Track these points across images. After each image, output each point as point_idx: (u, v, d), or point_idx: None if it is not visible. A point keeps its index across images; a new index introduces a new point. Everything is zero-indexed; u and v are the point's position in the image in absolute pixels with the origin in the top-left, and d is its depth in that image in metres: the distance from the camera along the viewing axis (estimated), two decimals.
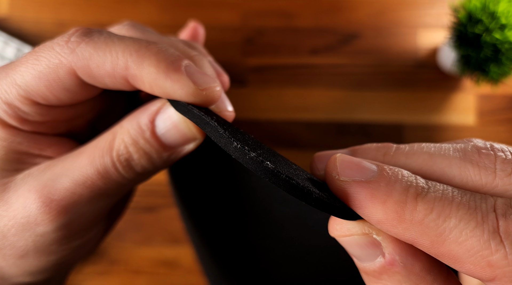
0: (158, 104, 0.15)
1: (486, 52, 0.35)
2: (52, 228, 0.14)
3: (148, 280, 0.43)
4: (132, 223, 0.43)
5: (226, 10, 0.45)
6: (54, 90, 0.14)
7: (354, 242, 0.11)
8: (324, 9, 0.45)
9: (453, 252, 0.10)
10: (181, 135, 0.15)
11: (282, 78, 0.44)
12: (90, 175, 0.14)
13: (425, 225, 0.10)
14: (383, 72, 0.44)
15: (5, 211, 0.14)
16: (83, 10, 0.45)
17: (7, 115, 0.14)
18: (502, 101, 0.44)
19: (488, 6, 0.35)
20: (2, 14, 0.44)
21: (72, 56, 0.13)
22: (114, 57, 0.13)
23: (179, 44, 0.16)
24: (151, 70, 0.13)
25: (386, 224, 0.10)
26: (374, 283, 0.11)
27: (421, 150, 0.12)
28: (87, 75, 0.14)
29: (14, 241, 0.14)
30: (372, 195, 0.10)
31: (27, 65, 0.14)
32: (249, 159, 0.10)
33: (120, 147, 0.14)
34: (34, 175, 0.14)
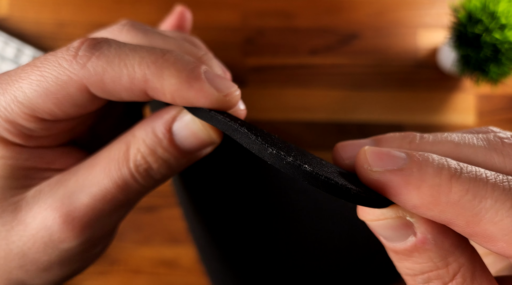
0: (173, 111, 0.14)
1: (486, 52, 0.35)
2: (77, 243, 0.14)
3: (148, 280, 0.43)
4: (132, 223, 0.43)
5: (226, 10, 0.45)
6: (63, 107, 0.13)
7: (386, 225, 0.12)
8: (324, 9, 0.45)
9: (487, 232, 0.10)
10: (200, 141, 0.14)
11: (282, 78, 0.44)
12: (109, 189, 0.14)
13: (460, 206, 0.10)
14: (383, 73, 0.44)
15: (22, 231, 0.14)
16: (83, 10, 0.45)
17: (9, 133, 0.14)
18: (502, 101, 0.44)
19: (488, 6, 0.35)
20: (2, 14, 0.44)
21: (83, 71, 0.13)
22: (130, 71, 0.13)
23: (186, 45, 0.16)
24: (172, 82, 0.13)
25: (422, 208, 0.11)
26: (403, 260, 0.12)
27: (445, 138, 0.13)
28: (101, 91, 0.13)
29: (36, 258, 0.14)
30: (406, 181, 0.11)
31: (30, 81, 0.13)
32: (286, 163, 0.10)
33: (137, 157, 0.14)
34: (46, 191, 0.14)
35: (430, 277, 0.11)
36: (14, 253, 0.14)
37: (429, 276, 0.11)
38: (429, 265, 0.11)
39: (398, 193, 0.11)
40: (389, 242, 0.12)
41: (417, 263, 0.11)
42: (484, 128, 0.14)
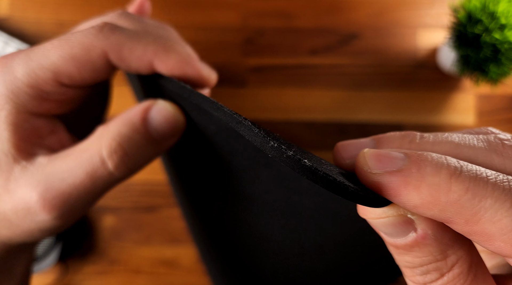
0: (146, 104, 0.17)
1: (486, 52, 0.35)
2: (50, 217, 0.16)
3: (148, 279, 0.43)
4: (132, 223, 0.43)
5: (226, 11, 0.45)
6: (83, 71, 0.16)
7: (387, 222, 0.12)
8: (324, 9, 0.45)
9: (486, 231, 0.10)
10: (172, 128, 0.17)
11: (282, 78, 0.44)
12: (79, 176, 0.16)
13: (460, 205, 0.10)
14: (383, 73, 0.44)
15: (8, 198, 0.16)
16: (83, 10, 0.45)
17: (28, 97, 0.16)
18: (501, 101, 0.44)
19: (488, 6, 0.35)
20: (3, 15, 0.44)
21: (107, 41, 0.16)
22: (144, 45, 0.17)
23: (173, 33, 0.21)
24: (176, 57, 0.17)
25: (422, 208, 0.11)
26: (404, 255, 0.12)
27: (446, 138, 0.13)
28: (117, 57, 0.16)
29: (19, 223, 0.16)
30: (406, 182, 0.11)
31: (56, 49, 0.16)
32: (286, 157, 0.11)
33: (111, 145, 0.16)
34: (30, 171, 0.16)
35: (428, 269, 0.12)
36: (2, 216, 0.16)
37: (427, 268, 0.12)
38: (428, 258, 0.11)
39: (398, 194, 0.11)
40: (389, 238, 0.12)
41: (417, 257, 0.12)
42: (484, 129, 0.14)
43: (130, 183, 0.44)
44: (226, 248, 0.24)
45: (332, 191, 0.11)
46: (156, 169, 0.43)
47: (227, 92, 0.44)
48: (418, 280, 0.12)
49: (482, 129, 0.14)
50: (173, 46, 0.17)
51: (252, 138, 0.11)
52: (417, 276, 0.12)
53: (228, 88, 0.44)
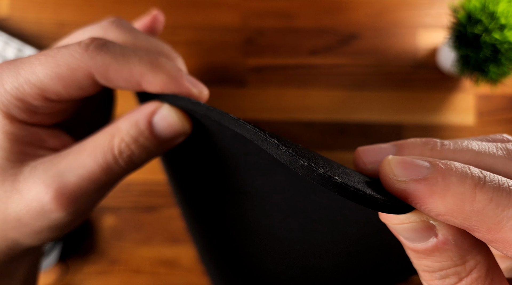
0: (152, 106, 0.18)
1: (486, 53, 0.35)
2: (64, 214, 0.17)
3: (148, 279, 0.43)
4: (132, 222, 0.43)
5: (226, 11, 0.45)
6: (69, 89, 0.17)
7: (409, 228, 0.12)
8: (324, 9, 0.45)
9: (508, 238, 0.11)
10: (175, 131, 0.18)
11: (282, 78, 0.44)
12: (94, 171, 0.17)
13: (484, 214, 0.11)
14: (383, 73, 0.44)
15: (19, 199, 0.16)
16: (84, 11, 0.45)
17: (18, 109, 0.16)
18: (501, 102, 0.44)
19: (487, 6, 0.35)
20: (3, 15, 0.44)
21: (93, 62, 0.16)
22: (131, 66, 0.17)
23: (165, 47, 0.21)
24: (163, 78, 0.17)
25: (446, 216, 0.11)
26: (423, 259, 0.12)
27: (466, 146, 0.13)
28: (103, 78, 0.17)
29: (30, 223, 0.17)
30: (431, 191, 0.11)
31: (44, 67, 0.16)
32: (317, 175, 0.11)
33: (121, 145, 0.17)
34: (40, 169, 0.17)
35: (447, 273, 0.12)
36: (12, 217, 0.17)
37: (446, 273, 0.12)
38: (448, 263, 0.12)
39: (423, 202, 0.11)
40: (409, 242, 0.12)
41: (436, 262, 0.12)
42: (500, 136, 0.14)
43: (130, 183, 0.44)
44: (228, 249, 0.24)
45: (361, 204, 0.11)
46: (156, 169, 0.43)
47: (227, 93, 0.44)
48: (436, 284, 0.12)
49: (498, 136, 0.14)
50: (161, 65, 0.17)
51: (280, 156, 0.12)
52: (436, 280, 0.12)
53: (228, 89, 0.44)
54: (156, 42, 0.20)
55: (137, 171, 0.44)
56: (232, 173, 0.19)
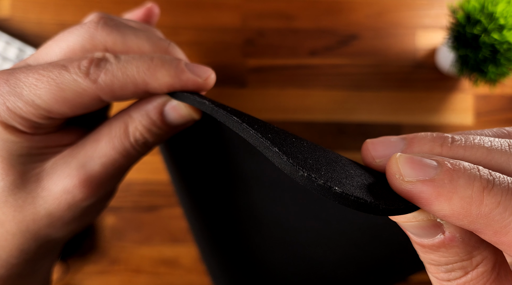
0: (163, 98, 0.18)
1: (484, 53, 0.35)
2: (94, 200, 0.18)
3: (148, 279, 0.43)
4: (132, 222, 0.43)
5: (226, 12, 0.45)
6: (76, 110, 0.17)
7: (417, 225, 0.12)
8: (323, 10, 0.45)
9: None
10: (185, 119, 0.19)
11: (282, 79, 0.44)
12: (117, 158, 0.18)
13: (491, 218, 0.10)
14: (382, 73, 0.44)
15: (47, 196, 0.17)
16: (84, 11, 0.45)
17: (23, 126, 0.17)
18: (500, 102, 0.44)
19: (486, 7, 0.35)
20: (4, 15, 0.45)
21: (96, 86, 0.16)
22: (132, 79, 0.17)
23: (153, 38, 0.20)
24: (166, 80, 0.17)
25: (452, 218, 0.11)
26: (429, 254, 0.12)
27: (478, 143, 0.13)
28: (110, 97, 0.17)
29: (62, 215, 0.18)
30: (438, 193, 0.11)
31: (48, 90, 0.16)
32: (317, 186, 0.11)
33: (135, 133, 0.18)
34: (61, 163, 0.17)
35: (454, 267, 0.12)
36: (42, 214, 0.17)
37: (453, 267, 0.12)
38: (454, 258, 0.12)
39: (429, 203, 0.11)
40: (416, 238, 0.12)
41: (443, 257, 0.12)
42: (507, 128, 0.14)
43: (131, 183, 0.44)
44: (233, 240, 0.24)
45: (363, 211, 0.11)
46: (156, 169, 0.44)
47: (227, 93, 0.44)
48: (442, 277, 0.12)
49: (506, 128, 0.14)
50: (159, 66, 0.17)
51: (282, 166, 0.12)
52: (442, 273, 0.12)
53: (228, 89, 0.44)
54: (146, 33, 0.20)
55: (137, 171, 0.44)
56: (240, 159, 0.20)
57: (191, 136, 0.21)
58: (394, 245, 0.19)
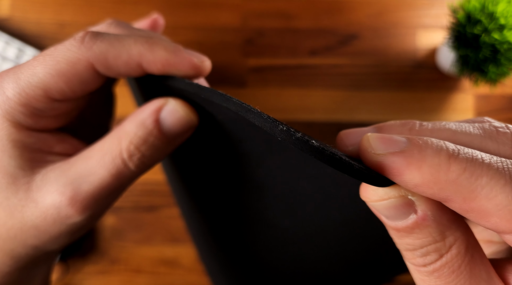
0: (157, 103, 0.17)
1: (485, 53, 0.35)
2: (80, 219, 0.17)
3: (149, 279, 0.43)
4: (132, 222, 0.43)
5: (226, 11, 0.45)
6: (72, 85, 0.16)
7: (389, 204, 0.12)
8: (324, 10, 0.45)
9: (483, 207, 0.11)
10: (183, 125, 0.17)
11: (282, 78, 0.44)
12: (105, 178, 0.17)
13: (458, 183, 0.11)
14: (382, 73, 0.44)
15: (34, 207, 0.17)
16: (84, 11, 0.45)
17: (23, 116, 0.16)
18: (500, 102, 0.44)
19: (487, 6, 0.35)
20: (4, 15, 0.45)
21: (90, 52, 0.16)
22: (127, 48, 0.16)
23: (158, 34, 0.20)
24: (162, 53, 0.17)
25: (423, 187, 0.11)
26: (404, 237, 0.12)
27: (443, 126, 0.13)
28: (104, 67, 0.16)
29: (48, 229, 0.17)
30: (408, 162, 0.11)
31: (44, 66, 0.16)
32: (295, 139, 0.11)
33: (129, 148, 0.17)
34: (52, 177, 0.17)
35: (428, 250, 0.12)
36: (29, 225, 0.17)
37: (427, 250, 0.12)
38: (428, 239, 0.12)
39: (400, 173, 0.12)
40: (390, 221, 0.13)
41: (417, 239, 0.12)
42: (480, 118, 0.14)
43: None
44: (230, 241, 0.24)
45: (338, 169, 0.11)
46: (156, 169, 0.44)
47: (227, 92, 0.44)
48: (418, 262, 0.13)
49: (478, 118, 0.14)
50: (156, 42, 0.17)
51: (262, 124, 0.12)
52: (418, 258, 0.12)
53: (228, 89, 0.44)
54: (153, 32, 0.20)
55: None
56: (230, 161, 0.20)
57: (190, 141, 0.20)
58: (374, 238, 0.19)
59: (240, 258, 0.24)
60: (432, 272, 0.12)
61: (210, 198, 0.23)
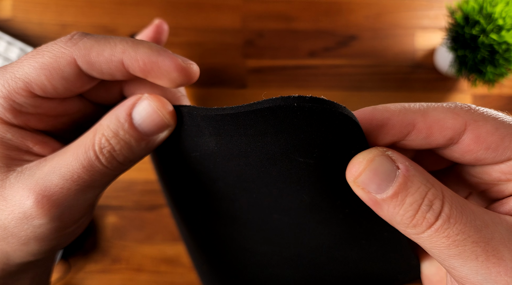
0: (132, 99, 0.17)
1: (483, 53, 0.35)
2: (47, 220, 0.16)
3: (150, 277, 0.43)
4: (134, 221, 0.44)
5: (226, 13, 0.45)
6: (53, 80, 0.16)
7: (374, 168, 0.13)
8: (323, 11, 0.45)
9: (436, 116, 0.14)
10: (155, 123, 0.17)
11: (281, 79, 0.45)
12: (76, 170, 0.16)
13: (411, 108, 0.15)
14: (381, 73, 0.45)
15: (4, 206, 0.16)
16: (86, 12, 0.45)
17: (3, 109, 0.16)
18: (498, 102, 0.45)
19: (485, 8, 0.35)
20: (6, 16, 0.45)
21: (75, 48, 0.16)
22: (112, 45, 0.16)
23: None
24: (145, 51, 0.16)
25: (393, 118, 0.14)
26: (404, 199, 0.13)
27: None
28: (86, 63, 0.16)
29: (15, 232, 0.16)
30: (379, 109, 0.15)
31: (28, 59, 0.16)
32: (309, 98, 0.13)
33: (101, 140, 0.16)
34: (26, 174, 0.16)
35: (430, 199, 0.13)
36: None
37: (429, 199, 0.13)
38: (422, 188, 0.13)
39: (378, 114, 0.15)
40: (385, 192, 0.13)
41: (414, 192, 0.13)
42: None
43: (132, 182, 0.44)
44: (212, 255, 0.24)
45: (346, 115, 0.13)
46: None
47: (227, 93, 0.44)
48: (429, 219, 0.13)
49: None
50: (142, 42, 0.16)
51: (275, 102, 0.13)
52: (427, 213, 0.13)
53: (229, 89, 0.45)
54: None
55: (138, 171, 0.44)
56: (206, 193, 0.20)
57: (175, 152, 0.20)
58: (349, 264, 0.20)
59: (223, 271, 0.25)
60: (447, 219, 0.13)
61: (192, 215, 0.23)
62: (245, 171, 0.17)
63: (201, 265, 0.26)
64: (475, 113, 0.14)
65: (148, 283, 0.43)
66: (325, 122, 0.13)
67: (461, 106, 0.14)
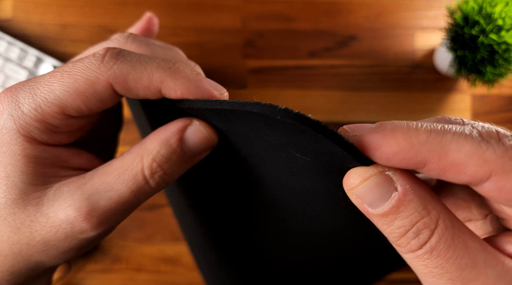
0: (181, 123, 0.17)
1: (483, 54, 0.36)
2: (93, 235, 0.17)
3: (150, 277, 0.43)
4: (134, 221, 0.44)
5: (226, 13, 0.45)
6: (90, 103, 0.16)
7: (371, 184, 0.13)
8: (323, 12, 0.45)
9: (456, 159, 0.12)
10: (205, 145, 0.18)
11: (281, 79, 0.45)
12: (124, 194, 0.17)
13: (430, 142, 0.13)
14: (381, 73, 0.45)
15: (44, 222, 0.16)
16: (86, 12, 0.45)
17: (38, 131, 0.16)
18: (498, 102, 0.45)
19: (484, 8, 0.36)
20: (6, 16, 0.45)
21: (110, 72, 0.16)
22: (149, 73, 0.16)
23: (180, 56, 0.20)
24: (183, 82, 0.16)
25: (401, 154, 0.13)
26: (393, 221, 0.13)
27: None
28: (123, 89, 0.16)
29: (57, 244, 0.17)
30: (383, 134, 0.13)
31: (61, 83, 0.16)
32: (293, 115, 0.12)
33: (152, 165, 0.17)
34: (65, 192, 0.17)
35: (419, 228, 0.13)
36: (37, 240, 0.17)
37: (418, 227, 0.13)
38: (415, 215, 0.13)
39: (378, 144, 0.13)
40: (376, 208, 0.13)
41: (405, 217, 0.13)
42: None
43: None
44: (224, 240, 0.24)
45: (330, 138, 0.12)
46: None
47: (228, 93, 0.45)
48: (414, 245, 0.13)
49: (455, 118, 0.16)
50: (179, 69, 0.17)
51: (262, 109, 0.13)
52: (411, 240, 0.13)
53: (229, 90, 0.45)
54: (174, 52, 0.20)
55: None
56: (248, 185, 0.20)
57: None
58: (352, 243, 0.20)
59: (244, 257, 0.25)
60: (430, 251, 0.13)
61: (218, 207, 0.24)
62: (252, 150, 0.17)
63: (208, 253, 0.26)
64: (508, 162, 0.12)
65: (148, 283, 0.43)
66: (311, 139, 0.13)
67: (496, 147, 0.12)
